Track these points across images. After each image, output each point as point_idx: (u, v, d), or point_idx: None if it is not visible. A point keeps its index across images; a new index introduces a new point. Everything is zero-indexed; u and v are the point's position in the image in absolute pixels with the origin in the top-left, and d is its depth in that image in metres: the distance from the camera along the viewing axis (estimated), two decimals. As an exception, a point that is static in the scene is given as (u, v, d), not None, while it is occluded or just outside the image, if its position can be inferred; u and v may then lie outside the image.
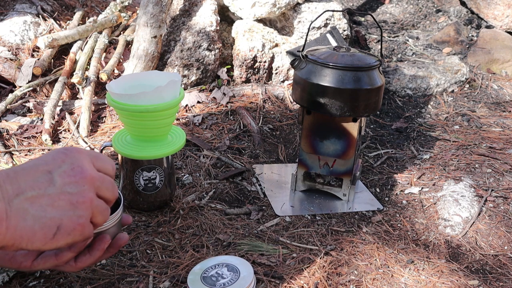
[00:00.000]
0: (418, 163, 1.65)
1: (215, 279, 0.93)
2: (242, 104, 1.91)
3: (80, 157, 0.70)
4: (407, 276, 1.09)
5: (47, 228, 0.66)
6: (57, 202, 0.66)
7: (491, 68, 2.46)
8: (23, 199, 0.64)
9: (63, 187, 0.67)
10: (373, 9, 3.11)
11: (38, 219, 0.65)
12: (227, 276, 0.93)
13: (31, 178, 0.66)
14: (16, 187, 0.64)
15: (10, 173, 0.66)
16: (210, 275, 0.93)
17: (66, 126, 1.73)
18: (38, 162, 0.68)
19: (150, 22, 1.91)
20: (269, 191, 1.45)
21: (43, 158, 0.69)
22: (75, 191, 0.68)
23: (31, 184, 0.65)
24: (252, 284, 0.95)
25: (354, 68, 1.28)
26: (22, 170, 0.66)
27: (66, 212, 0.67)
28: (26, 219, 0.64)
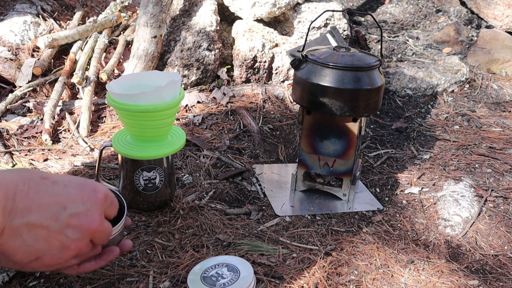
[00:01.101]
0: (418, 163, 1.65)
1: (215, 279, 0.93)
2: (242, 104, 1.91)
3: (97, 205, 0.71)
4: (407, 276, 1.09)
5: (27, 254, 0.67)
6: (52, 239, 0.67)
7: (491, 68, 2.46)
8: (25, 224, 0.65)
9: (65, 229, 0.68)
10: (373, 9, 3.11)
11: (25, 245, 0.66)
12: (227, 276, 0.93)
13: (45, 204, 0.66)
14: (27, 208, 0.65)
15: (33, 186, 0.66)
16: (210, 275, 0.93)
17: (66, 126, 1.73)
18: (62, 191, 0.68)
19: (150, 22, 1.91)
20: (269, 191, 1.45)
21: (70, 188, 0.69)
22: (72, 237, 0.69)
23: (41, 211, 0.66)
24: (252, 284, 0.95)
25: (354, 68, 1.28)
26: (45, 191, 0.66)
27: (53, 250, 0.68)
28: (16, 241, 0.65)
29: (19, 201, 0.64)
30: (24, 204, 0.64)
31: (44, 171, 0.69)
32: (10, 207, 0.63)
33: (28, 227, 0.65)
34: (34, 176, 0.67)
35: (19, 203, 0.64)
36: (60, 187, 0.68)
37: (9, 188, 0.63)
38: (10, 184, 0.64)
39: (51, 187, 0.67)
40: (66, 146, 1.61)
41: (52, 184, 0.67)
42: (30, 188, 0.65)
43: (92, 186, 0.72)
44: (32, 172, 0.68)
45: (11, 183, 0.63)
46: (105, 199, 0.73)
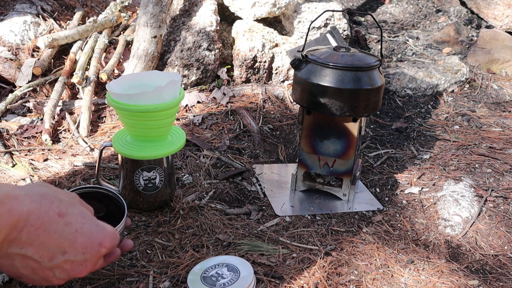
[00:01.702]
0: (418, 163, 1.65)
1: (215, 279, 0.93)
2: (242, 104, 1.91)
3: (97, 257, 0.73)
4: (407, 276, 1.09)
5: (11, 273, 0.69)
6: (39, 271, 0.69)
7: (491, 68, 2.46)
8: (21, 254, 0.66)
9: (55, 269, 0.69)
10: (373, 9, 3.11)
11: (13, 267, 0.67)
12: (227, 276, 0.93)
13: (48, 244, 0.67)
14: (29, 242, 0.66)
15: (45, 223, 0.66)
16: (210, 275, 0.93)
17: (66, 126, 1.73)
18: (70, 235, 0.69)
19: (150, 22, 1.91)
20: (269, 191, 1.45)
21: (78, 235, 0.70)
22: (58, 276, 0.70)
23: (41, 248, 0.67)
24: (252, 284, 0.95)
25: (354, 68, 1.28)
26: (54, 231, 0.67)
27: (36, 278, 0.70)
28: (6, 261, 0.66)
29: (25, 234, 0.65)
30: (28, 238, 0.65)
31: (67, 202, 0.69)
32: (14, 237, 0.65)
33: (22, 257, 0.66)
34: (52, 211, 0.67)
35: (24, 236, 0.65)
36: (71, 231, 0.69)
37: (21, 220, 0.64)
38: (25, 216, 0.64)
39: (62, 228, 0.68)
40: (66, 146, 1.61)
41: (64, 225, 0.68)
42: (41, 224, 0.66)
43: (99, 240, 0.73)
44: (53, 204, 0.67)
45: (26, 215, 0.64)
46: (107, 251, 0.75)
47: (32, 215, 0.65)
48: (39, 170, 1.48)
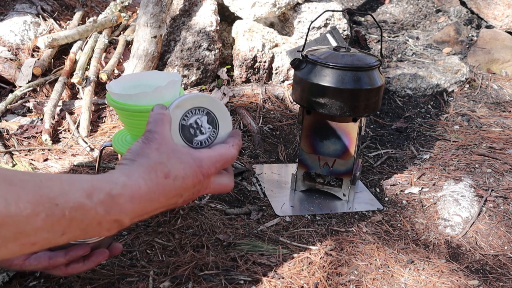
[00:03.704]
0: (418, 163, 1.65)
1: (193, 131, 0.80)
2: (242, 104, 1.91)
3: (206, 180, 0.73)
4: (407, 276, 1.09)
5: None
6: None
7: (491, 68, 2.46)
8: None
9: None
10: (373, 9, 3.11)
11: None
12: (206, 131, 0.81)
13: (168, 200, 0.69)
14: (155, 210, 0.69)
15: (159, 189, 0.67)
16: (189, 124, 0.80)
17: (66, 126, 1.73)
18: (182, 182, 0.69)
19: (150, 22, 1.91)
20: (269, 191, 1.45)
21: (187, 176, 0.70)
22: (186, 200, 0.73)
23: (167, 205, 0.70)
24: (227, 135, 0.85)
25: (354, 68, 1.28)
26: (170, 190, 0.68)
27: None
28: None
29: (150, 209, 0.67)
30: (154, 209, 0.68)
31: (163, 158, 0.69)
32: (142, 213, 0.67)
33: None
34: (159, 178, 0.67)
35: (149, 209, 0.67)
36: (179, 181, 0.69)
37: (142, 200, 0.65)
38: (144, 196, 0.66)
39: (173, 184, 0.68)
40: (66, 146, 1.61)
41: (173, 181, 0.68)
42: (158, 194, 0.67)
43: (200, 171, 0.72)
44: (157, 172, 0.67)
45: (144, 195, 0.66)
46: (214, 170, 0.75)
47: (148, 194, 0.65)
48: (39, 170, 1.48)
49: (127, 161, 0.68)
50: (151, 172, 0.66)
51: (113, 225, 0.63)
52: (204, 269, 1.06)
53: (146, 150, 0.69)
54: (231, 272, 1.06)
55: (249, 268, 1.08)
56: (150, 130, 0.71)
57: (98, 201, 0.60)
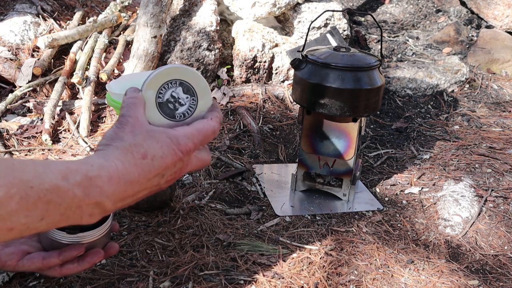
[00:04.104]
0: (418, 163, 1.65)
1: (172, 106, 0.78)
2: (242, 104, 1.91)
3: (186, 157, 0.72)
4: (407, 276, 1.09)
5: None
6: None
7: (491, 68, 2.46)
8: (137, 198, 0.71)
9: (165, 184, 0.72)
10: (373, 9, 3.11)
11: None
12: (185, 102, 0.79)
13: (149, 181, 0.69)
14: (138, 192, 0.69)
15: (138, 170, 0.66)
16: (166, 100, 0.78)
17: (66, 126, 1.73)
18: (161, 161, 0.69)
19: (150, 22, 1.91)
20: (269, 191, 1.45)
21: (166, 155, 0.69)
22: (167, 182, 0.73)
23: (147, 187, 0.70)
24: (209, 106, 0.83)
25: (354, 68, 1.28)
26: (149, 170, 0.67)
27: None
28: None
29: (130, 189, 0.67)
30: (135, 191, 0.68)
31: (138, 140, 0.68)
32: (123, 196, 0.67)
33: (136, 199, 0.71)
34: (136, 159, 0.67)
35: (130, 191, 0.67)
36: (158, 161, 0.69)
37: (120, 181, 0.65)
38: (122, 177, 0.65)
39: (151, 164, 0.68)
40: (66, 146, 1.61)
41: (152, 161, 0.68)
42: (137, 176, 0.67)
43: (178, 149, 0.71)
44: (133, 153, 0.67)
45: (122, 176, 0.65)
46: (191, 147, 0.74)
47: (127, 175, 0.65)
48: (39, 170, 1.48)
49: (102, 146, 0.67)
50: (127, 154, 0.66)
51: (94, 209, 0.62)
52: (204, 269, 1.06)
53: (120, 133, 0.68)
54: (231, 272, 1.06)
55: (249, 268, 1.08)
56: (123, 114, 0.71)
57: (74, 183, 0.59)
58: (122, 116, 0.71)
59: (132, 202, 0.69)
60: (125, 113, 0.71)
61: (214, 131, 0.76)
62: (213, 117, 0.78)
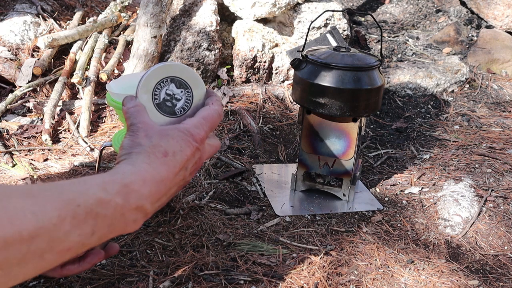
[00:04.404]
0: (418, 163, 1.65)
1: (170, 104, 0.79)
2: (242, 104, 1.91)
3: (200, 147, 0.74)
4: (407, 276, 1.09)
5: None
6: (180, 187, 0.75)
7: (491, 68, 2.46)
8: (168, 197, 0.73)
9: (189, 177, 0.74)
10: (373, 9, 3.11)
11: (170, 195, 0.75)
12: (181, 96, 0.80)
13: (176, 177, 0.70)
14: (169, 189, 0.71)
15: (164, 169, 0.68)
16: (163, 99, 0.79)
17: (66, 126, 1.73)
18: (183, 155, 0.71)
19: (150, 22, 1.91)
20: (269, 191, 1.45)
21: (184, 149, 0.71)
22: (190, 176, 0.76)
23: (176, 182, 0.72)
24: (204, 94, 0.84)
25: (354, 68, 1.28)
26: (174, 165, 0.69)
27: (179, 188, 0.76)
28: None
29: (163, 189, 0.69)
30: (167, 189, 0.70)
31: (155, 140, 0.70)
32: (158, 199, 0.68)
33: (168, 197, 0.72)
34: (159, 159, 0.69)
35: (163, 189, 0.69)
36: (179, 155, 0.71)
37: (153, 183, 0.67)
38: (150, 179, 0.67)
39: (174, 160, 0.70)
40: (66, 146, 1.61)
41: (173, 157, 0.70)
42: (164, 175, 0.69)
43: (193, 139, 0.73)
44: (155, 154, 0.69)
45: (152, 177, 0.67)
46: (202, 136, 0.75)
47: (156, 174, 0.67)
48: (39, 170, 1.48)
49: (124, 156, 0.69)
50: (150, 156, 0.68)
51: (137, 214, 0.64)
52: (204, 269, 1.06)
53: (136, 140, 0.70)
54: (231, 272, 1.06)
55: (249, 268, 1.08)
56: (132, 123, 0.73)
57: (114, 192, 0.61)
58: (131, 125, 0.73)
59: (165, 200, 0.71)
60: (133, 121, 0.73)
61: (219, 114, 0.78)
62: (213, 101, 0.80)
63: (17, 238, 0.51)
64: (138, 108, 0.75)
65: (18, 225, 0.51)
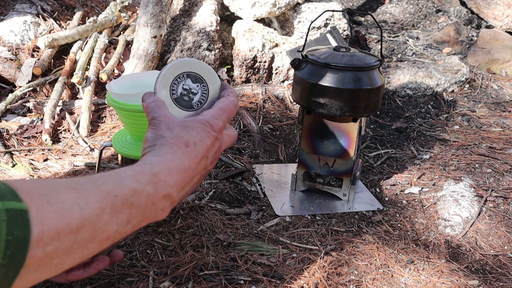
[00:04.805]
0: (418, 163, 1.65)
1: (187, 98, 0.82)
2: (242, 104, 1.91)
3: (219, 136, 0.77)
4: (407, 276, 1.09)
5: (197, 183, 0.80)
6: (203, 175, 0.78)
7: (491, 68, 2.46)
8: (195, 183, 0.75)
9: (210, 166, 0.77)
10: (373, 9, 3.11)
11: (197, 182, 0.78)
12: (197, 90, 0.83)
13: (198, 165, 0.73)
14: (192, 178, 0.73)
15: (186, 158, 0.71)
16: (180, 94, 0.82)
17: (66, 126, 1.73)
18: (203, 144, 0.73)
19: (150, 22, 1.91)
20: (269, 191, 1.45)
21: (205, 139, 0.74)
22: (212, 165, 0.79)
23: (200, 173, 0.74)
24: (219, 87, 0.87)
25: (354, 68, 1.28)
26: (196, 155, 0.72)
27: (202, 178, 0.79)
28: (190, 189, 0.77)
29: (188, 178, 0.72)
30: (192, 178, 0.73)
31: (177, 131, 0.73)
32: (182, 186, 0.71)
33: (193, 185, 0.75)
34: (182, 149, 0.71)
35: (187, 178, 0.72)
36: (200, 145, 0.73)
37: (178, 172, 0.69)
38: (176, 170, 0.69)
39: (196, 149, 0.73)
40: (66, 146, 1.61)
41: (194, 147, 0.73)
42: (187, 164, 0.71)
43: (211, 129, 0.76)
44: (178, 145, 0.71)
45: (177, 168, 0.69)
46: (220, 126, 0.78)
47: (180, 164, 0.70)
48: (39, 170, 1.48)
49: (148, 148, 0.72)
50: (173, 146, 0.71)
51: (165, 202, 0.67)
52: (204, 269, 1.06)
53: (159, 133, 0.73)
54: (231, 272, 1.06)
55: (249, 268, 1.08)
56: (153, 117, 0.76)
57: (145, 182, 0.64)
58: (153, 119, 0.76)
59: (190, 190, 0.74)
60: (154, 115, 0.76)
61: (235, 105, 0.81)
62: (228, 93, 0.83)
63: (67, 229, 0.54)
64: (158, 103, 0.78)
65: (67, 217, 0.54)
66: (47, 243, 0.52)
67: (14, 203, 0.50)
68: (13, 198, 0.51)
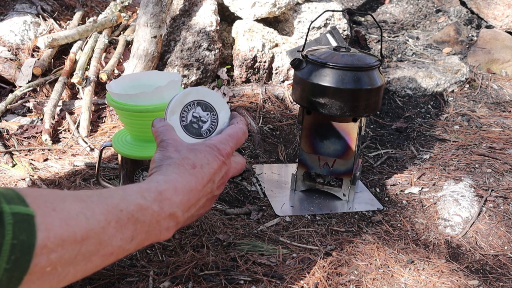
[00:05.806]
0: (418, 163, 1.65)
1: (197, 125, 0.84)
2: (242, 104, 1.91)
3: (226, 160, 0.78)
4: (407, 276, 1.09)
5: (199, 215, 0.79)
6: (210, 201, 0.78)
7: (491, 68, 2.46)
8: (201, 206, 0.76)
9: (217, 190, 0.77)
10: (373, 9, 3.11)
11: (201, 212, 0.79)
12: (206, 119, 0.85)
13: (204, 188, 0.73)
14: (202, 197, 0.74)
15: (192, 180, 0.71)
16: (190, 121, 0.84)
17: (66, 126, 1.73)
18: (210, 167, 0.74)
19: (150, 22, 1.91)
20: (269, 191, 1.45)
21: (211, 162, 0.75)
22: (219, 190, 0.79)
23: (205, 195, 0.75)
24: (228, 117, 0.89)
25: (354, 68, 1.28)
26: (202, 177, 0.72)
27: (210, 205, 0.80)
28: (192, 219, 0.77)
29: (193, 198, 0.72)
30: (196, 198, 0.73)
31: (183, 154, 0.74)
32: (188, 206, 0.71)
33: (199, 208, 0.75)
34: (189, 171, 0.72)
35: (193, 198, 0.72)
36: (207, 168, 0.74)
37: (184, 194, 0.70)
38: (181, 191, 0.70)
39: (202, 172, 0.73)
40: (66, 146, 1.61)
41: (201, 169, 0.73)
42: (193, 185, 0.72)
43: (218, 153, 0.77)
44: (185, 165, 0.72)
45: (182, 190, 0.70)
46: (228, 151, 0.79)
47: (186, 184, 0.70)
48: (39, 170, 1.48)
49: (155, 168, 0.73)
50: (179, 167, 0.72)
51: (169, 221, 0.67)
52: (204, 269, 1.06)
53: (166, 154, 0.75)
54: (231, 272, 1.06)
55: (249, 268, 1.08)
56: (162, 139, 0.77)
57: (151, 199, 0.64)
58: (161, 141, 0.77)
59: (195, 213, 0.74)
60: (163, 138, 0.78)
61: (244, 132, 0.83)
62: (238, 121, 0.84)
63: (72, 238, 0.53)
64: (167, 127, 0.80)
65: (73, 226, 0.54)
66: (52, 250, 0.51)
67: (21, 208, 0.50)
68: (20, 202, 0.50)
